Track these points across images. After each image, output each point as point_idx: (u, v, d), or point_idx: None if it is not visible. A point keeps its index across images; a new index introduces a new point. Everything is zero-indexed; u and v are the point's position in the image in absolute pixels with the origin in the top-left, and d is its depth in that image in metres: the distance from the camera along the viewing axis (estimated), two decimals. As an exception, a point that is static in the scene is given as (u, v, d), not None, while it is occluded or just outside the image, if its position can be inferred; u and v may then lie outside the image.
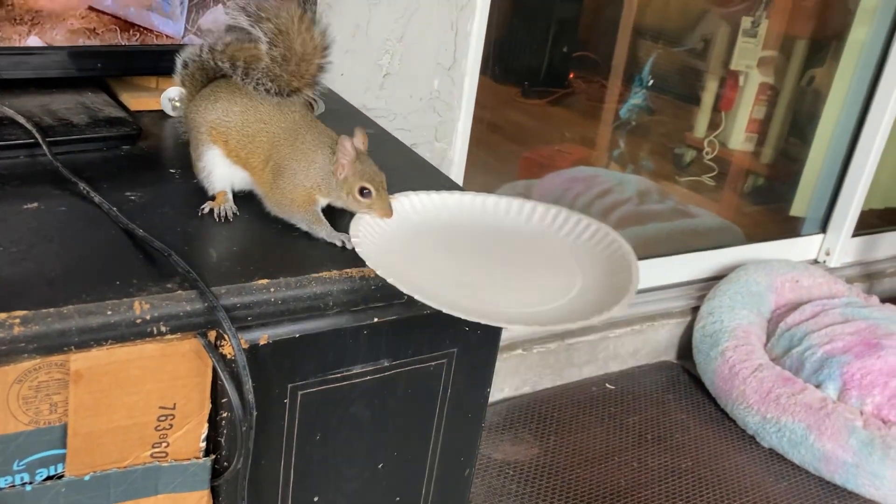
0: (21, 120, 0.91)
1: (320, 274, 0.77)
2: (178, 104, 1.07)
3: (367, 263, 0.76)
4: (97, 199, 0.82)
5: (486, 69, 1.65)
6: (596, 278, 0.82)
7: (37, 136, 0.90)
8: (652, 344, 2.15)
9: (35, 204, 0.81)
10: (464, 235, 0.88)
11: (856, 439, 1.74)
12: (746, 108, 2.94)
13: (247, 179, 0.87)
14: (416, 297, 0.73)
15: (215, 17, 1.02)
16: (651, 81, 3.11)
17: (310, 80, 0.86)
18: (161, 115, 1.07)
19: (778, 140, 2.95)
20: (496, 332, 0.92)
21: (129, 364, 0.71)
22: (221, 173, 0.87)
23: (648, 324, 2.12)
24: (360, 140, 0.84)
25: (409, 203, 0.89)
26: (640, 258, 2.30)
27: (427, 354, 0.88)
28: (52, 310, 0.65)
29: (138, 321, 0.68)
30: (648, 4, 3.24)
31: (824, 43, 2.79)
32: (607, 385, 2.03)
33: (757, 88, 2.91)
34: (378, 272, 0.74)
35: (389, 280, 0.73)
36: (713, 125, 3.06)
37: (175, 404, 0.75)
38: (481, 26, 1.52)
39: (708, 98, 3.10)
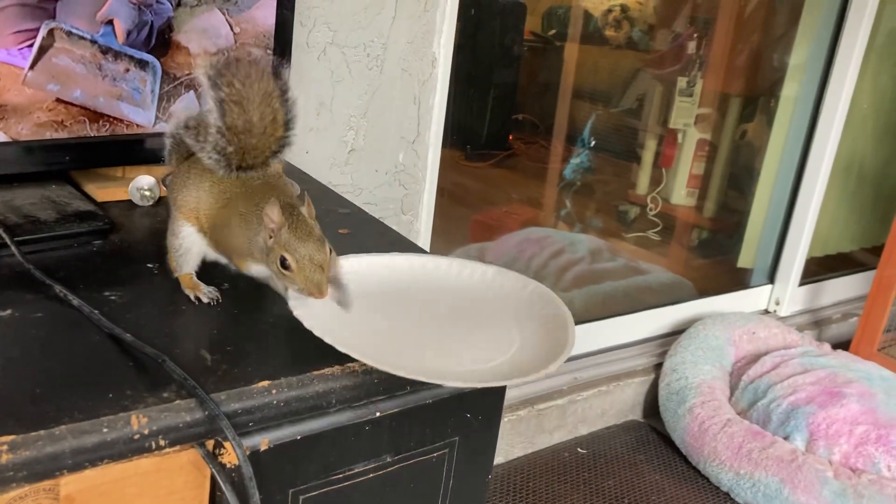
0: (-15, 219, 0.86)
1: (322, 371, 0.74)
2: (147, 193, 1.03)
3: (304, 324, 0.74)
4: (76, 301, 0.77)
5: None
6: (534, 336, 0.82)
7: (3, 235, 0.84)
8: (619, 404, 2.14)
9: (8, 311, 0.76)
10: (401, 296, 0.87)
11: (829, 490, 1.75)
12: (686, 165, 3.02)
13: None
14: (358, 357, 0.71)
15: (187, 105, 0.99)
16: (593, 142, 3.18)
17: (265, 157, 0.82)
18: (129, 205, 1.03)
19: (719, 194, 3.04)
20: (497, 416, 0.90)
21: (124, 482, 0.66)
22: (198, 252, 0.85)
23: (614, 384, 2.11)
24: (304, 208, 0.77)
25: (349, 265, 0.86)
26: (600, 318, 2.29)
27: (429, 445, 0.84)
28: (42, 432, 0.60)
29: (136, 437, 0.63)
30: (584, 66, 3.34)
31: (758, 99, 2.90)
32: (579, 449, 2.00)
33: (695, 145, 3.00)
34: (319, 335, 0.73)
35: (327, 340, 0.72)
36: (655, 182, 3.14)
37: (171, 521, 0.70)
38: (442, 99, 1.53)
39: (648, 156, 3.18)
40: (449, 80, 1.53)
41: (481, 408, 0.87)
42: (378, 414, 0.79)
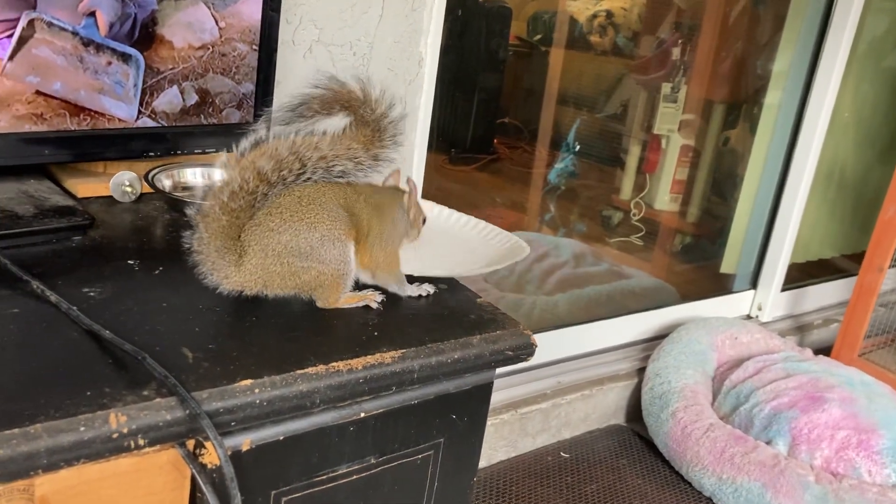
0: (-39, 213, 0.84)
1: (305, 370, 0.72)
2: (129, 189, 1.01)
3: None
4: (53, 297, 0.75)
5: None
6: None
7: (-21, 230, 0.83)
8: (602, 408, 2.13)
9: (-17, 307, 0.74)
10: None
11: (811, 495, 1.76)
12: (670, 170, 3.03)
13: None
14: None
15: (170, 100, 0.98)
16: (577, 147, 3.19)
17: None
18: (110, 201, 1.01)
19: (702, 200, 3.05)
20: (482, 418, 0.89)
21: (102, 483, 0.65)
22: None
23: (597, 388, 2.11)
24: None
25: None
26: (583, 322, 2.28)
27: (414, 447, 0.83)
28: (16, 430, 0.58)
29: (114, 435, 0.62)
30: (569, 72, 3.34)
31: (742, 106, 2.91)
32: (562, 453, 1.99)
33: (679, 151, 3.01)
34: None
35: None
36: (638, 187, 3.14)
37: (150, 523, 0.68)
38: (428, 100, 1.51)
39: (632, 161, 3.18)
40: (435, 81, 1.52)
41: (466, 409, 0.86)
42: (363, 415, 0.78)
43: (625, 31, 3.38)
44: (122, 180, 1.00)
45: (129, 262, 0.87)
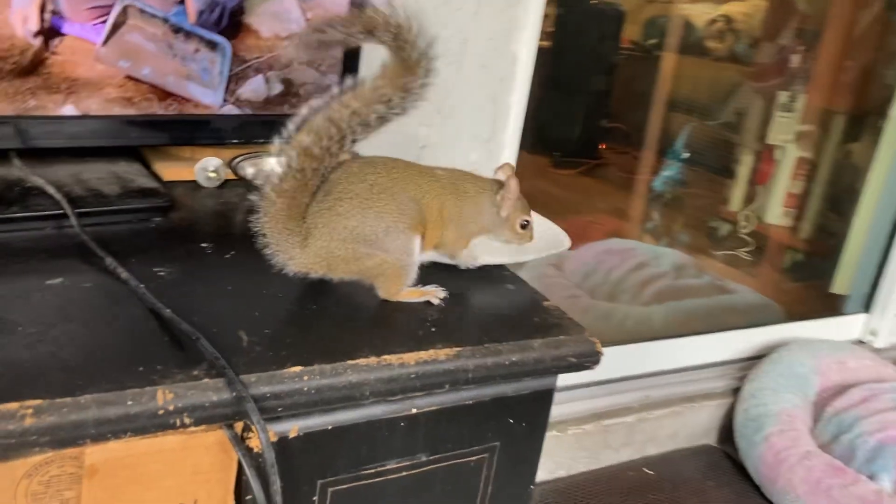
0: (50, 190, 0.88)
1: (356, 361, 0.71)
2: (212, 175, 1.04)
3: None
4: (124, 274, 0.78)
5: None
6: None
7: (65, 206, 0.86)
8: (691, 427, 2.05)
9: (59, 279, 0.77)
10: None
11: (915, 538, 1.63)
12: (783, 183, 2.89)
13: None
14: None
15: (255, 88, 0.99)
16: (686, 154, 3.08)
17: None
18: (194, 185, 1.04)
19: (817, 216, 2.89)
20: (542, 424, 0.86)
21: (149, 458, 0.66)
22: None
23: (688, 405, 2.03)
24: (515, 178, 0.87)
25: None
26: (679, 335, 2.19)
27: (467, 448, 0.81)
28: (68, 399, 0.60)
29: (160, 412, 0.63)
30: (682, 77, 3.24)
31: (865, 118, 2.74)
32: (646, 470, 1.93)
33: (794, 163, 2.86)
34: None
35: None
36: (748, 199, 3.01)
37: (196, 501, 0.69)
38: (521, 99, 1.49)
39: (743, 172, 3.05)
40: (530, 80, 1.49)
41: (525, 414, 0.83)
42: (414, 410, 0.77)
43: (744, 37, 3.24)
44: (207, 166, 1.03)
45: (203, 245, 0.89)
